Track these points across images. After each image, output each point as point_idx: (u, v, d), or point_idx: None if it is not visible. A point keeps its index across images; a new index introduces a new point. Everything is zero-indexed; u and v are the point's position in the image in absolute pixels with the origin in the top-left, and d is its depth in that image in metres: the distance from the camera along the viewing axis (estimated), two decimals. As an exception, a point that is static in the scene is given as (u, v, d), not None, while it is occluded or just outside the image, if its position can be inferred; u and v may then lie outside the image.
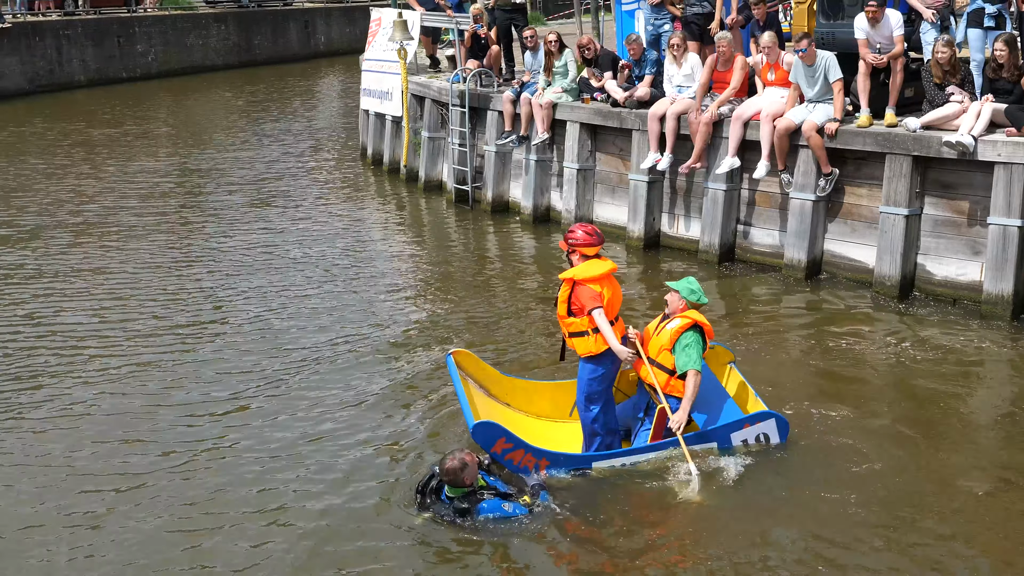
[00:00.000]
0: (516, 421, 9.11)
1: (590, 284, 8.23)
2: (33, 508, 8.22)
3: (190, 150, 25.34)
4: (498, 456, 8.28)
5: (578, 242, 8.36)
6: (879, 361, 10.58)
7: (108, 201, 19.46)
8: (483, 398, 9.19)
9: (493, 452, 8.26)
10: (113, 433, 9.48)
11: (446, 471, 7.56)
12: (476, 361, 9.40)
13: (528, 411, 9.34)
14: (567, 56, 15.78)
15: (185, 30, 44.60)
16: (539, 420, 9.32)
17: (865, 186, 12.47)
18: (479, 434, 8.23)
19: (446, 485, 7.64)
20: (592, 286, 8.22)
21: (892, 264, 12.08)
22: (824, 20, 13.38)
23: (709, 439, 8.45)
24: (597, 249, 8.42)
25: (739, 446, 8.45)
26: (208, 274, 14.39)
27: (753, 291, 12.89)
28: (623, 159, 15.12)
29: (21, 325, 12.49)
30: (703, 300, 8.54)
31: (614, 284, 8.43)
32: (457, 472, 7.54)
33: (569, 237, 8.44)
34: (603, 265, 8.35)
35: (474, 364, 9.37)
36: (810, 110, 12.53)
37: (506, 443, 8.23)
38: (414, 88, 19.43)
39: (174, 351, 11.47)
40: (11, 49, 37.00)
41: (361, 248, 15.80)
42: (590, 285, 8.23)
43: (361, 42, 23.55)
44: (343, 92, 36.83)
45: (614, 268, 8.44)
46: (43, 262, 15.21)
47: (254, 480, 8.55)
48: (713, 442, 8.44)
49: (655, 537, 7.60)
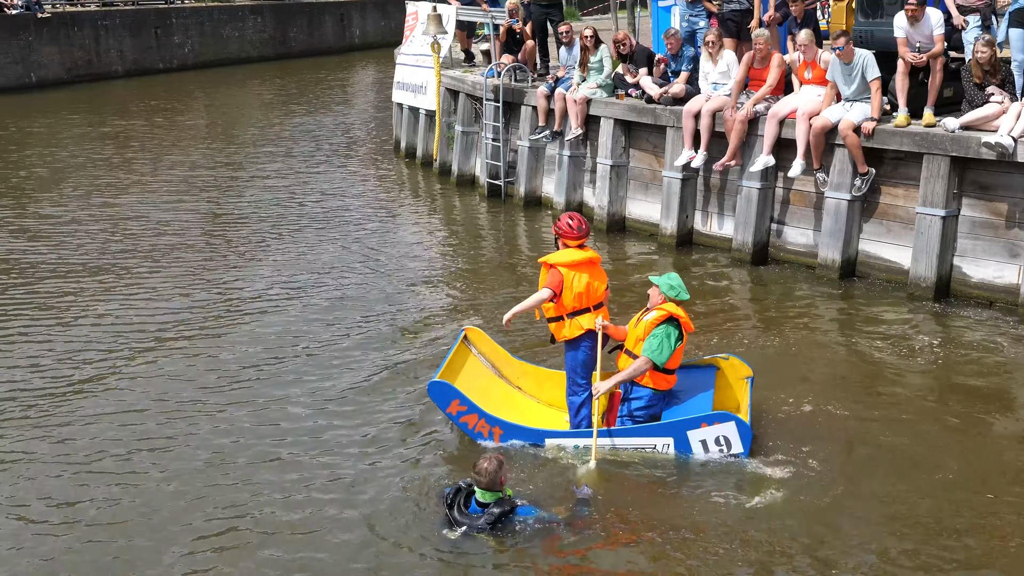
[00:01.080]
0: (526, 407, 9.28)
1: (560, 268, 8.49)
2: (64, 500, 8.28)
3: (225, 141, 25.48)
4: (453, 418, 8.63)
5: (561, 231, 8.65)
6: (913, 363, 10.46)
7: (141, 193, 19.60)
8: (491, 376, 9.48)
9: (448, 413, 8.63)
10: (157, 422, 9.57)
11: (481, 471, 7.31)
12: (488, 340, 9.61)
13: (539, 397, 9.39)
14: (602, 52, 15.71)
15: (222, 22, 44.84)
16: (549, 408, 9.37)
17: (902, 186, 12.34)
18: (434, 392, 8.61)
19: (477, 491, 7.42)
20: (562, 270, 8.48)
21: (928, 266, 11.96)
22: (863, 18, 13.25)
23: (663, 433, 8.40)
24: (580, 240, 8.64)
25: (699, 450, 8.35)
26: (243, 261, 14.49)
27: (786, 291, 12.79)
28: (657, 156, 15.04)
29: (53, 312, 12.60)
30: (683, 296, 8.53)
31: (593, 272, 8.61)
32: (494, 473, 7.31)
33: (556, 224, 8.72)
34: (580, 253, 8.58)
35: (486, 343, 9.59)
36: (847, 109, 12.41)
37: (460, 405, 8.58)
38: (448, 82, 19.42)
39: (210, 336, 11.55)
40: (50, 39, 37.33)
41: (393, 239, 15.81)
42: (559, 268, 8.50)
43: (396, 35, 23.59)
44: (377, 85, 36.88)
45: (594, 257, 8.65)
46: (79, 247, 15.34)
47: (277, 480, 8.56)
48: (669, 437, 8.39)
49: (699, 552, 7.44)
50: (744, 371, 9.11)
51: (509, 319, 8.66)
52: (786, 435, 8.88)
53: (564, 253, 8.61)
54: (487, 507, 7.34)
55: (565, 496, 7.96)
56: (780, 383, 9.94)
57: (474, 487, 7.45)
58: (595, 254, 8.71)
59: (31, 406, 9.91)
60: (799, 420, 9.23)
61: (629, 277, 13.55)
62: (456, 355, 9.31)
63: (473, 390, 8.99)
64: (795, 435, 8.88)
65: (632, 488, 8.13)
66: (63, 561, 7.43)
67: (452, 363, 9.18)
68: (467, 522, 7.34)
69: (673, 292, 8.47)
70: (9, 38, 36.12)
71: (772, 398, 9.62)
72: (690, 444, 8.36)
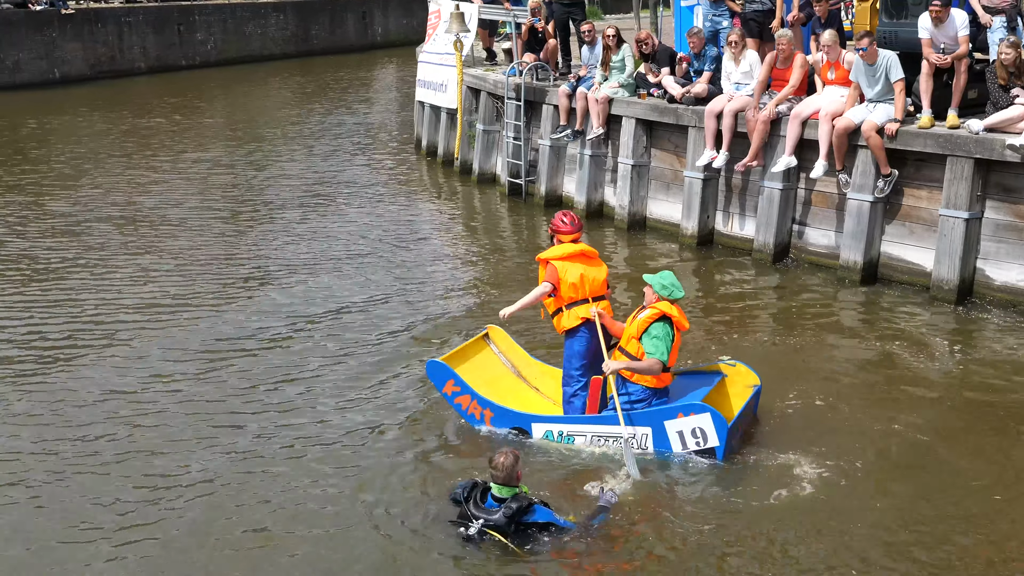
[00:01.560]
0: (537, 405, 9.38)
1: (554, 262, 8.81)
2: (85, 495, 8.32)
3: (246, 138, 25.55)
4: (448, 398, 9.04)
5: (555, 227, 9.02)
6: (935, 366, 10.41)
7: (162, 189, 19.67)
8: (506, 372, 9.67)
9: (443, 393, 9.04)
10: (182, 421, 9.61)
11: (498, 466, 7.26)
12: (509, 340, 9.84)
13: (556, 399, 9.37)
14: (625, 51, 15.68)
15: (244, 19, 44.96)
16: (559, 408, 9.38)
17: (925, 188, 12.28)
18: (431, 371, 9.10)
19: (493, 487, 7.35)
20: (556, 263, 8.80)
21: (951, 268, 11.89)
22: (887, 19, 13.18)
23: (642, 421, 8.44)
24: (574, 236, 8.96)
25: (676, 442, 8.37)
26: (261, 257, 14.54)
27: (807, 292, 12.74)
28: (678, 156, 15.01)
29: (81, 302, 12.68)
30: (675, 295, 8.52)
31: (588, 264, 8.89)
32: (511, 467, 7.26)
33: (551, 222, 9.09)
34: (572, 246, 8.89)
35: (507, 342, 9.83)
36: (870, 110, 12.35)
37: (455, 386, 8.96)
38: (470, 81, 19.42)
39: (232, 332, 11.61)
40: (73, 35, 37.51)
41: (412, 238, 15.82)
42: (554, 262, 8.81)
43: (418, 33, 23.64)
44: (399, 83, 36.91)
45: (587, 250, 8.93)
46: (105, 239, 15.42)
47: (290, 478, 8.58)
48: (648, 427, 8.43)
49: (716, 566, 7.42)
50: (751, 379, 9.05)
51: (509, 314, 8.94)
52: (804, 437, 8.84)
53: (557, 248, 8.95)
54: (504, 502, 7.27)
55: (586, 500, 7.87)
56: (798, 384, 9.94)
57: (489, 483, 7.40)
58: (589, 248, 8.99)
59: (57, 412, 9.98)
60: (817, 422, 9.19)
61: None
62: (470, 346, 9.57)
63: (478, 379, 9.19)
64: (813, 437, 8.84)
65: (654, 497, 8.02)
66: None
67: (463, 351, 9.49)
68: (483, 516, 7.26)
69: (666, 291, 8.49)
70: (33, 34, 36.30)
71: (790, 399, 9.61)
72: (667, 435, 8.39)
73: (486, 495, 7.39)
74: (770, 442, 8.77)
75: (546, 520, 7.27)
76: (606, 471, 8.28)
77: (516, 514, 7.21)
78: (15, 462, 8.76)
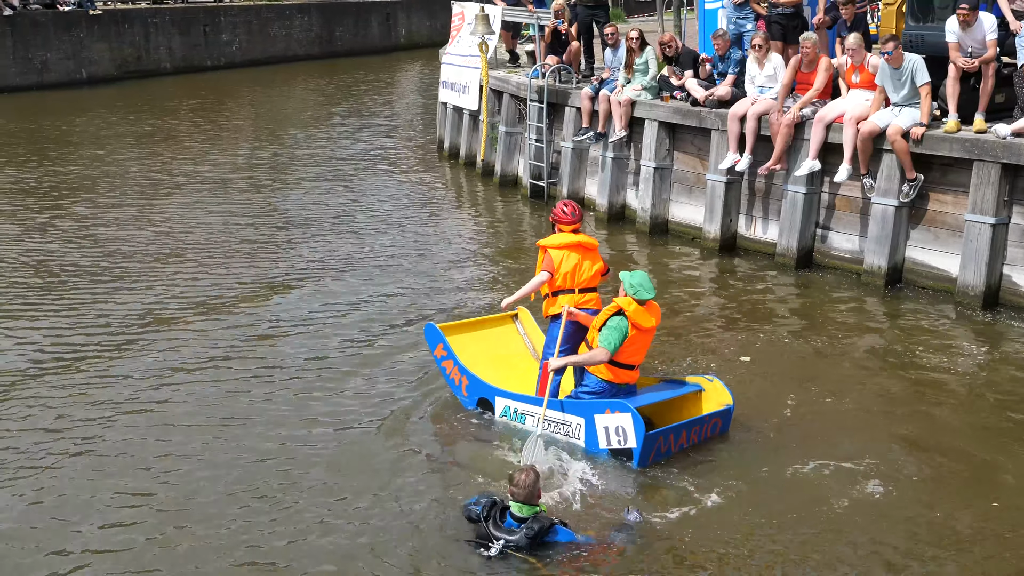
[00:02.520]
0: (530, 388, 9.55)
1: (552, 250, 9.09)
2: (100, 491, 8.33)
3: (269, 139, 25.63)
4: (437, 360, 9.67)
5: (556, 216, 9.31)
6: (960, 373, 10.29)
7: (184, 189, 19.74)
8: (524, 353, 10.06)
9: (434, 355, 9.69)
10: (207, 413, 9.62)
11: (519, 484, 7.06)
12: (534, 325, 10.24)
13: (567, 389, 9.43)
14: (648, 53, 15.60)
15: (269, 20, 45.14)
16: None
17: (950, 193, 12.15)
18: (427, 334, 9.77)
19: (512, 505, 7.09)
20: (552, 252, 9.09)
21: (976, 274, 11.76)
22: (913, 22, 13.07)
23: (577, 411, 8.62)
24: (574, 225, 9.25)
25: (603, 437, 8.46)
26: (284, 257, 14.56)
27: (831, 297, 12.62)
28: (701, 159, 14.92)
29: (106, 300, 12.71)
30: (641, 295, 8.49)
31: (584, 255, 9.10)
32: (532, 485, 7.07)
33: (553, 210, 9.39)
34: (571, 236, 9.17)
35: (533, 327, 10.25)
36: (895, 114, 12.24)
37: (443, 350, 9.57)
38: (492, 83, 19.38)
39: (255, 332, 11.61)
40: (101, 35, 37.76)
41: (434, 239, 15.79)
42: (551, 251, 9.10)
43: (441, 35, 23.65)
44: (422, 85, 36.95)
45: (585, 241, 9.17)
46: (126, 242, 15.47)
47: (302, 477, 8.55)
48: (581, 417, 8.58)
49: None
50: (724, 398, 8.94)
51: (510, 303, 9.36)
52: (829, 443, 8.77)
53: (555, 236, 9.24)
54: (523, 521, 7.03)
55: (608, 517, 7.66)
56: (821, 389, 9.86)
57: (507, 501, 7.16)
58: (588, 238, 9.26)
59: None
60: (841, 427, 9.10)
61: (669, 280, 13.47)
62: (493, 320, 10.00)
63: (482, 351, 9.72)
64: (839, 444, 8.76)
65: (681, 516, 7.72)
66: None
67: (481, 323, 10.10)
68: (504, 536, 7.01)
69: (632, 290, 8.53)
70: (61, 34, 36.55)
71: (812, 404, 9.54)
72: (596, 428, 8.50)
73: (504, 514, 7.14)
74: (797, 450, 8.68)
75: (568, 540, 7.07)
76: (627, 492, 8.05)
77: (538, 535, 6.98)
78: (27, 461, 8.77)
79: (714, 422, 8.83)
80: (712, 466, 8.41)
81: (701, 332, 11.58)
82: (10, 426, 9.40)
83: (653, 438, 8.34)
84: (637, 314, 8.48)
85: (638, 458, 8.31)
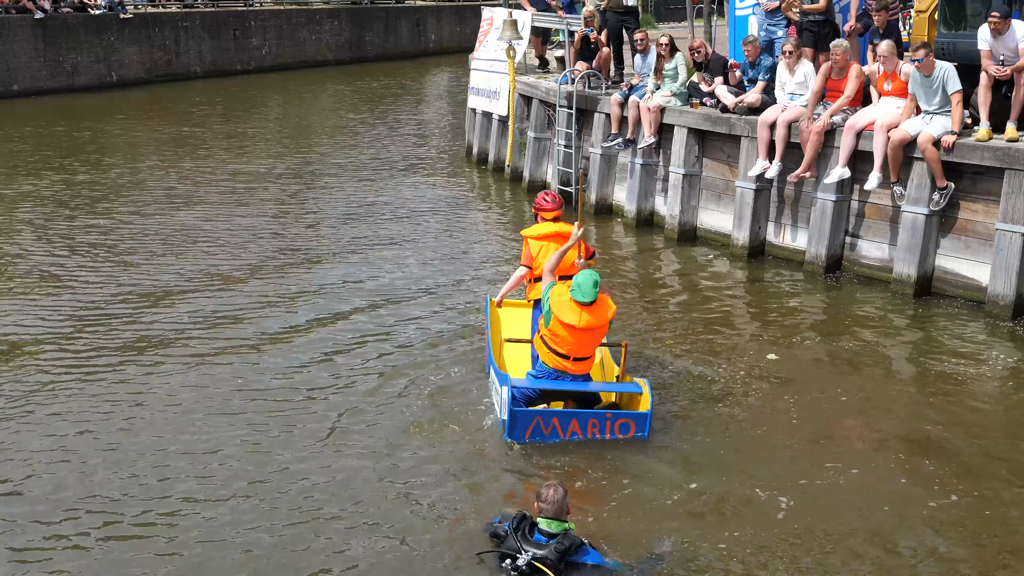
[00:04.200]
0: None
1: (531, 240, 9.75)
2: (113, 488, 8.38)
3: (297, 144, 25.71)
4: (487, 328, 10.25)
5: (539, 206, 9.94)
6: (990, 383, 10.24)
7: (214, 190, 19.86)
8: None
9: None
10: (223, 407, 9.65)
11: (548, 499, 6.90)
12: None
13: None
14: (678, 60, 15.60)
15: (299, 24, 45.31)
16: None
17: (981, 202, 12.08)
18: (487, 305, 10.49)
19: (541, 521, 6.88)
20: (531, 242, 9.73)
21: (1007, 283, 11.68)
22: (945, 30, 13.01)
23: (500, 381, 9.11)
24: (555, 213, 9.84)
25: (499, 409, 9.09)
26: (310, 259, 14.62)
27: (859, 306, 12.57)
28: (730, 166, 14.89)
29: (126, 292, 12.80)
30: (577, 297, 8.68)
31: (563, 243, 9.43)
32: (561, 501, 6.91)
33: (535, 200, 10.04)
34: (551, 226, 9.77)
35: None
36: (927, 122, 12.18)
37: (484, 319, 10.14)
38: (521, 88, 19.41)
39: (275, 331, 11.65)
40: (131, 39, 38.02)
41: (461, 245, 15.80)
42: (530, 241, 9.75)
43: (471, 41, 23.66)
44: (451, 90, 37.02)
45: (562, 231, 9.64)
46: (150, 246, 15.57)
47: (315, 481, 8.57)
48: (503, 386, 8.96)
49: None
50: (643, 404, 8.97)
51: (500, 299, 10.09)
52: (857, 450, 8.77)
53: (537, 226, 9.87)
54: (553, 536, 6.81)
55: (642, 546, 7.41)
56: (847, 397, 9.86)
57: (535, 518, 6.97)
58: (567, 227, 9.67)
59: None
60: (870, 435, 9.09)
61: (697, 287, 13.45)
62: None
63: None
64: (869, 452, 8.75)
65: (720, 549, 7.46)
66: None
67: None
68: (532, 549, 6.76)
69: (573, 286, 8.75)
70: (92, 37, 36.83)
71: (840, 411, 9.52)
72: (501, 397, 9.00)
73: (533, 529, 6.94)
74: (831, 458, 8.67)
75: (596, 562, 6.83)
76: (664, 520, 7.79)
77: (567, 551, 6.77)
78: (40, 461, 8.84)
79: (622, 422, 8.87)
80: (747, 484, 8.29)
81: (727, 337, 11.58)
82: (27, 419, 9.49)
83: (527, 415, 8.77)
84: (559, 303, 8.75)
85: (507, 430, 8.82)
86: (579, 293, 8.66)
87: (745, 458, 8.71)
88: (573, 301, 8.69)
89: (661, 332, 11.65)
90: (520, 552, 6.76)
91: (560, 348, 8.82)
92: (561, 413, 8.87)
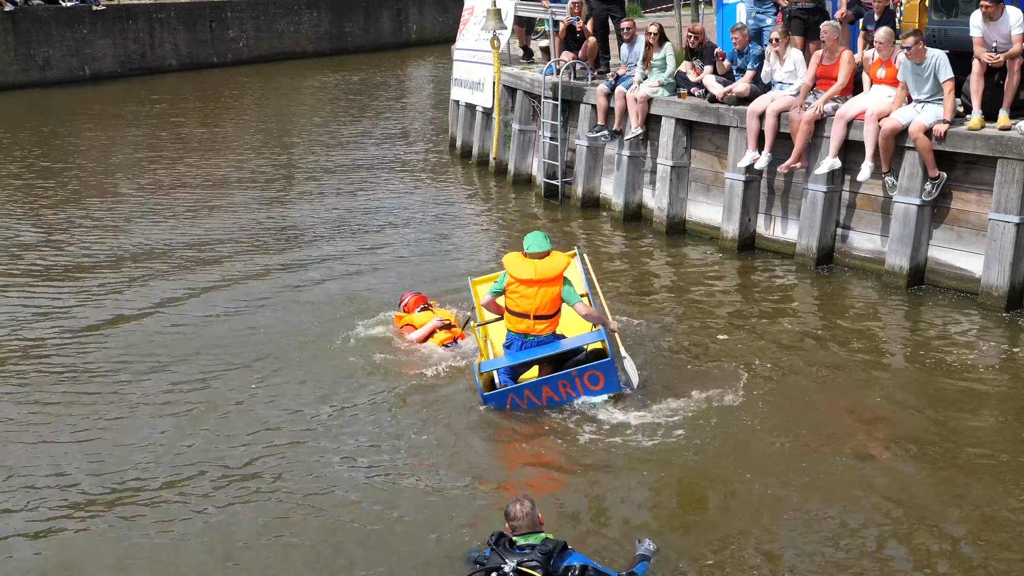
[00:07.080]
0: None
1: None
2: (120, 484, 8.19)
3: (277, 139, 25.52)
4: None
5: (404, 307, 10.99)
6: (985, 374, 10.14)
7: (194, 186, 19.68)
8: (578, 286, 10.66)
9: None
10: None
11: (517, 515, 6.67)
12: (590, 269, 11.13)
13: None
14: (667, 49, 15.41)
15: (277, 15, 44.86)
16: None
17: (974, 191, 11.97)
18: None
19: (518, 540, 6.62)
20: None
21: (1000, 274, 11.57)
22: (936, 16, 12.85)
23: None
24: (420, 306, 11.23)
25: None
26: (294, 255, 14.52)
27: (851, 297, 12.47)
28: (719, 157, 14.74)
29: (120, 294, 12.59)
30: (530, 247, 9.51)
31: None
32: (531, 511, 6.69)
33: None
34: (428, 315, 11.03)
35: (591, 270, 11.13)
36: (918, 111, 12.06)
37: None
38: (506, 79, 19.21)
39: (262, 330, 11.48)
40: (105, 32, 37.60)
41: (446, 239, 15.72)
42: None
43: (453, 31, 23.44)
44: (434, 82, 36.79)
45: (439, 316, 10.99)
46: (128, 243, 15.38)
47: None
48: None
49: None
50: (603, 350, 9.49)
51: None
52: (853, 443, 8.70)
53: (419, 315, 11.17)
54: (536, 547, 6.54)
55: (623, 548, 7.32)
56: (840, 389, 9.83)
57: (512, 537, 6.69)
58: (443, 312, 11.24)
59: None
60: (865, 427, 9.05)
61: (687, 280, 13.31)
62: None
63: None
64: (865, 442, 8.70)
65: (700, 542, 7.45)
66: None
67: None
68: (518, 557, 6.48)
69: (525, 244, 9.57)
70: (64, 30, 36.37)
71: (835, 404, 9.48)
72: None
73: (512, 546, 6.63)
74: (822, 451, 8.61)
75: (583, 563, 6.54)
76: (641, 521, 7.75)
77: (551, 554, 6.51)
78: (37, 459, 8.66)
79: (591, 374, 9.29)
80: (728, 473, 8.27)
81: (717, 331, 11.47)
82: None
83: (501, 395, 9.33)
84: (513, 261, 9.47)
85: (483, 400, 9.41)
86: (530, 246, 9.48)
87: (731, 452, 8.65)
88: (525, 255, 9.46)
89: (649, 328, 11.50)
90: (504, 563, 6.50)
91: (519, 307, 9.38)
92: (531, 384, 9.35)
